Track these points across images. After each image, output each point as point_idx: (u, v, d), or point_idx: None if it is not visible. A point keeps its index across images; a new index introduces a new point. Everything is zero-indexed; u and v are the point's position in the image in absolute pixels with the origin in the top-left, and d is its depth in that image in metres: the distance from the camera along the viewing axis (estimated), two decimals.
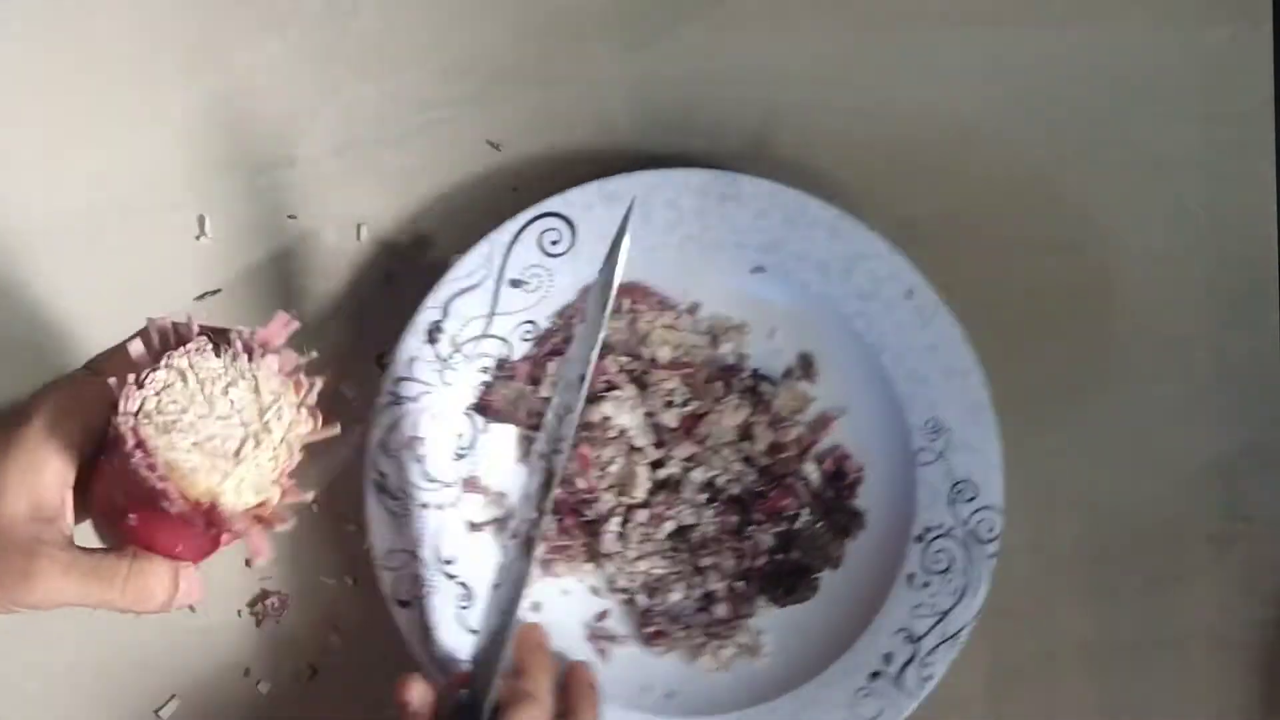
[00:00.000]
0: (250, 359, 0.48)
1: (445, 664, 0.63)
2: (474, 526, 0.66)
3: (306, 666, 0.67)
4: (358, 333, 0.67)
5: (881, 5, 0.70)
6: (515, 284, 0.65)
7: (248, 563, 0.66)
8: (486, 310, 0.65)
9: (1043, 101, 0.70)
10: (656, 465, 0.66)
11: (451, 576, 0.64)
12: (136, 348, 0.47)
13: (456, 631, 0.64)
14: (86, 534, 0.50)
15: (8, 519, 0.46)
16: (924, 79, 0.70)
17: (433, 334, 0.64)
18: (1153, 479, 0.69)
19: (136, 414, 0.46)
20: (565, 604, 0.67)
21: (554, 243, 0.65)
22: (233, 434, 0.47)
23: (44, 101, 0.67)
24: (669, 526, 0.66)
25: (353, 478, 0.64)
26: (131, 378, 0.46)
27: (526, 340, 0.66)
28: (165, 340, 0.47)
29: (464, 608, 0.64)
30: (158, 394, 0.46)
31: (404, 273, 0.67)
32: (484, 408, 0.65)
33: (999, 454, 0.65)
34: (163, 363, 0.46)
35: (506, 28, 0.69)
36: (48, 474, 0.47)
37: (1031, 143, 0.70)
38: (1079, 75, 0.70)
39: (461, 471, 0.65)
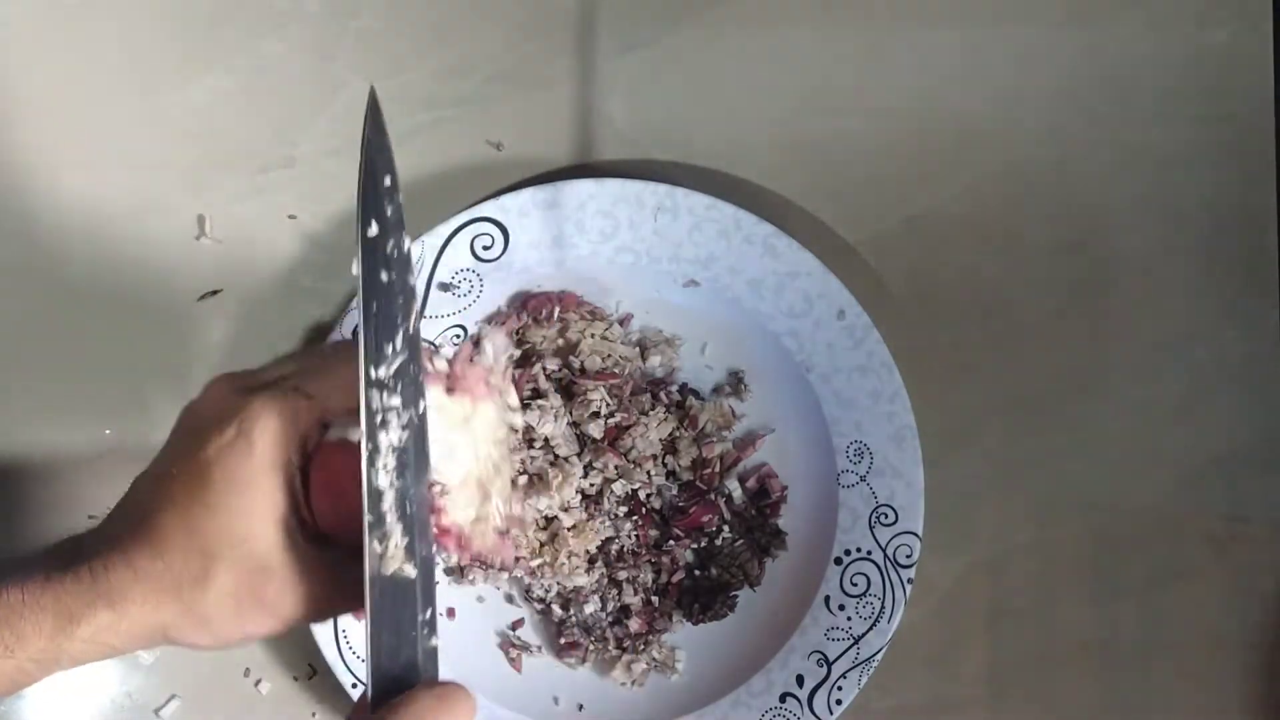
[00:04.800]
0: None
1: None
2: None
3: (306, 666, 0.67)
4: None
5: (881, 6, 0.70)
6: (445, 287, 0.65)
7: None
8: (418, 296, 0.64)
9: (1043, 101, 0.70)
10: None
11: None
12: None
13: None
14: None
15: (277, 554, 0.46)
16: (924, 79, 0.70)
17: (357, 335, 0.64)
18: (1152, 479, 0.69)
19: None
20: (480, 611, 0.67)
21: (486, 248, 0.65)
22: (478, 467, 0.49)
23: (44, 102, 0.67)
24: None
25: None
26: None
27: (455, 346, 0.66)
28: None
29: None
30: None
31: None
32: None
33: (921, 479, 0.65)
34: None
35: (506, 28, 0.69)
36: (287, 500, 0.46)
37: (1031, 143, 0.70)
38: (1079, 75, 0.70)
39: None
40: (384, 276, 0.46)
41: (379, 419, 0.44)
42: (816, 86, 0.70)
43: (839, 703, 0.65)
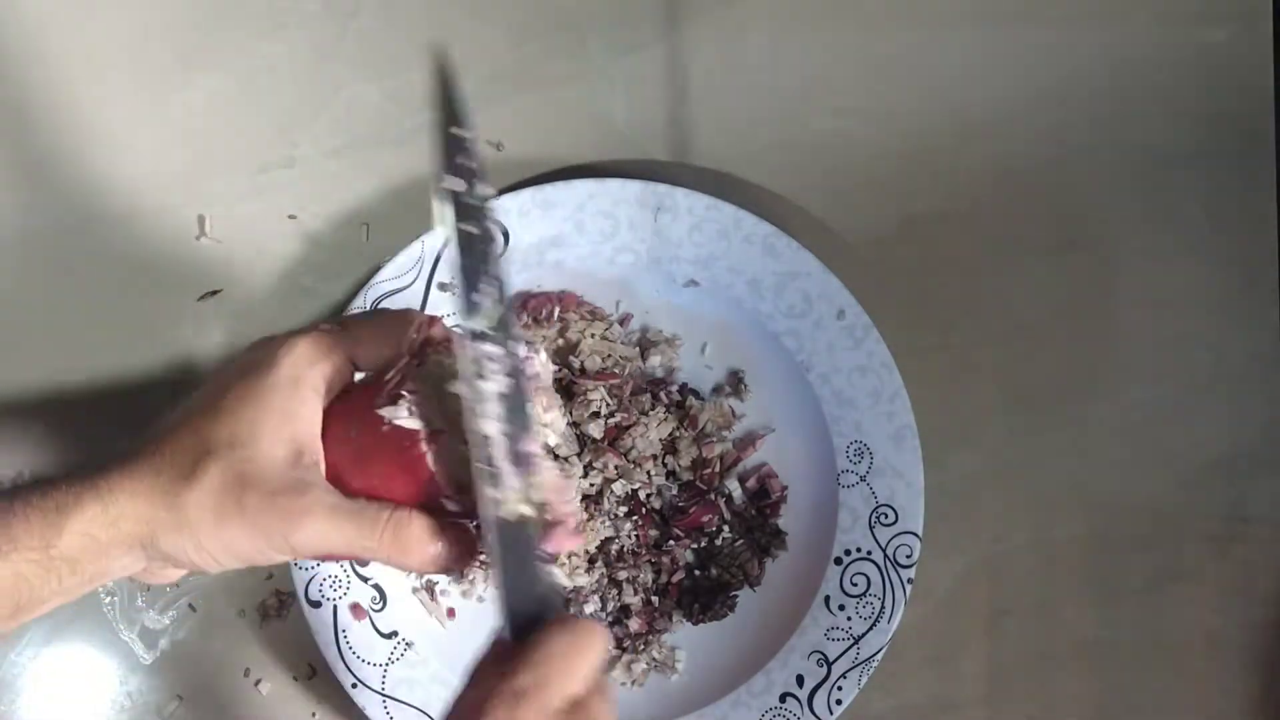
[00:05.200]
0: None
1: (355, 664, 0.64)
2: None
3: (306, 666, 0.67)
4: None
5: (881, 6, 0.70)
6: (444, 288, 0.65)
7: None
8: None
9: (1043, 101, 0.70)
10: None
11: (365, 579, 0.64)
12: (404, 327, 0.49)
13: (368, 633, 0.64)
14: None
15: (271, 464, 0.46)
16: (924, 79, 0.70)
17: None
18: (1153, 479, 0.69)
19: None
20: (480, 611, 0.67)
21: None
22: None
23: (44, 101, 0.67)
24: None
25: None
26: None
27: None
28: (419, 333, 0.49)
29: (377, 610, 0.65)
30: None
31: None
32: None
33: (921, 479, 0.65)
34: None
35: (506, 28, 0.69)
36: (301, 420, 0.47)
37: (1031, 143, 0.70)
38: (1079, 75, 0.70)
39: None
40: (470, 229, 0.46)
41: (478, 368, 0.45)
42: (816, 87, 0.70)
43: (839, 703, 0.65)
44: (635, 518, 0.66)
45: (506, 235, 0.65)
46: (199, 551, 0.46)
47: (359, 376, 0.50)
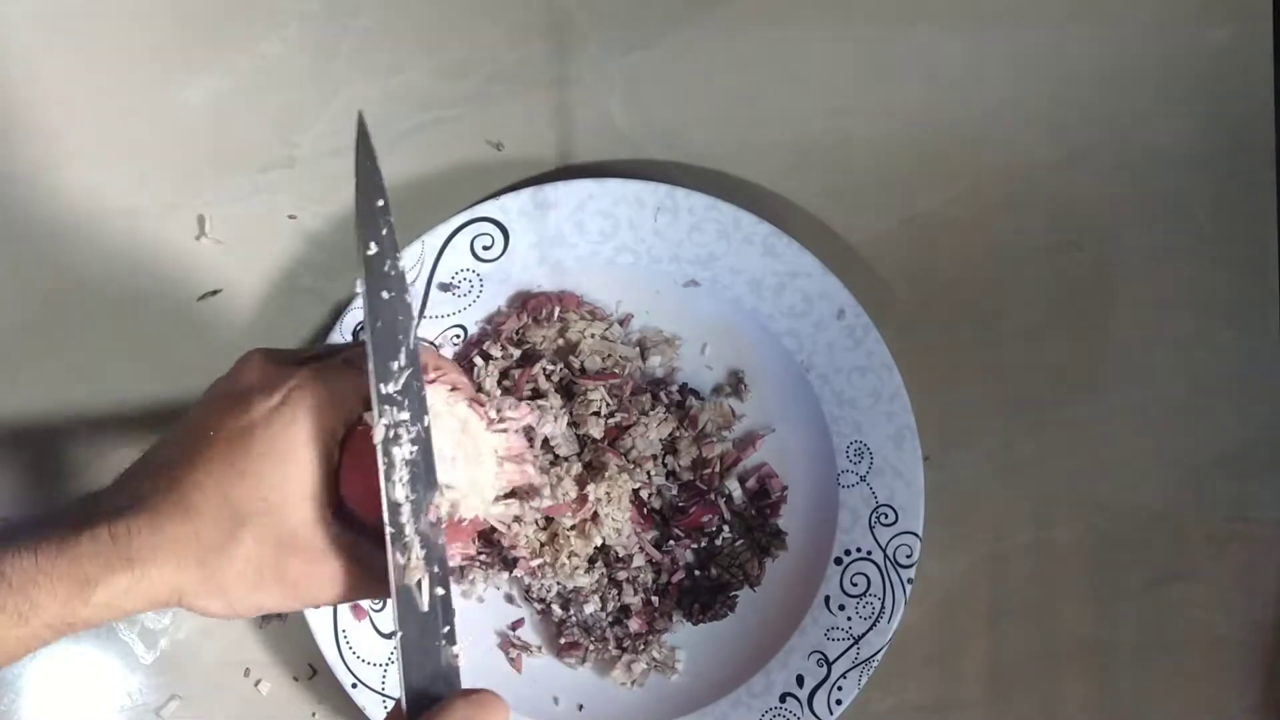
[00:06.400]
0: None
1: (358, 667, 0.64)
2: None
3: (306, 666, 0.67)
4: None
5: (881, 6, 0.70)
6: (444, 288, 0.65)
7: None
8: (414, 313, 0.65)
9: (1043, 101, 0.70)
10: None
11: None
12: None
13: (368, 633, 0.64)
14: None
15: (304, 527, 0.46)
16: (924, 79, 0.70)
17: (357, 335, 0.64)
18: (1153, 479, 0.69)
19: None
20: (480, 611, 0.67)
21: (485, 248, 0.65)
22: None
23: (45, 102, 0.67)
24: None
25: None
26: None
27: (455, 345, 0.66)
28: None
29: (377, 610, 0.65)
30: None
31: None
32: None
33: (921, 479, 0.65)
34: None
35: (506, 28, 0.69)
36: (320, 475, 0.47)
37: (1032, 143, 0.70)
38: (1079, 75, 0.70)
39: None
40: (384, 294, 0.46)
41: (392, 434, 0.45)
42: (817, 87, 0.70)
43: (839, 703, 0.65)
44: None
45: (507, 235, 0.65)
46: (227, 610, 0.46)
47: None
